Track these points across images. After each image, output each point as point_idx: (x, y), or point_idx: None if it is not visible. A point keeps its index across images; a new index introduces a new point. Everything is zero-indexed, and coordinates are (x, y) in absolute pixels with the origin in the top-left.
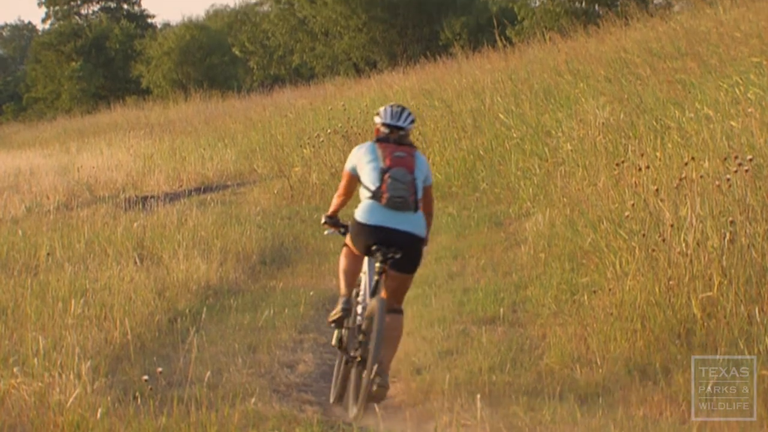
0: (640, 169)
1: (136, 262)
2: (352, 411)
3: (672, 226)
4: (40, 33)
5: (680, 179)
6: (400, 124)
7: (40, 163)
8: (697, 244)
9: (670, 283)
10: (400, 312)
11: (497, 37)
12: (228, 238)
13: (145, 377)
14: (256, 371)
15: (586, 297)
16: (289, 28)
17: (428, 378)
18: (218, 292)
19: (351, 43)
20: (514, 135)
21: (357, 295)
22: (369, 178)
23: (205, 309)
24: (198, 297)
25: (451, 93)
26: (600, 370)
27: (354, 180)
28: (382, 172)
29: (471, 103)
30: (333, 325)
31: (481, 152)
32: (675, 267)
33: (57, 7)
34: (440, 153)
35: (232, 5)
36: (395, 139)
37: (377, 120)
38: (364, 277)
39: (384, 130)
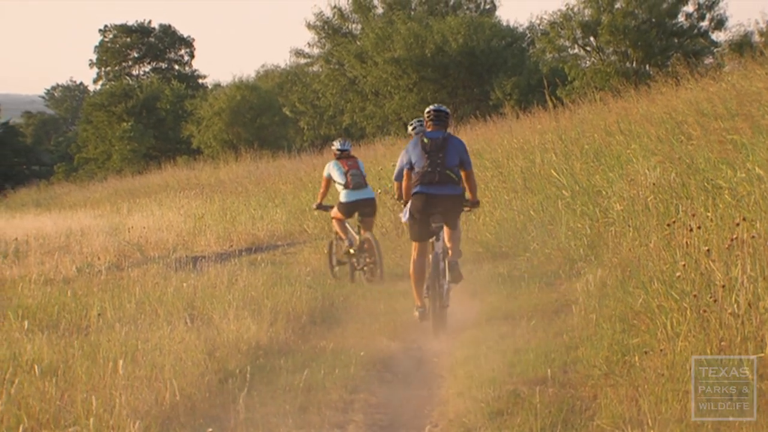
0: (691, 230)
1: (186, 323)
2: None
3: (723, 287)
4: (91, 94)
5: (732, 240)
6: (346, 147)
7: (91, 224)
8: (749, 305)
9: (722, 344)
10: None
11: (548, 98)
12: (278, 298)
13: None
14: None
15: (637, 358)
16: (340, 88)
17: None
18: (268, 352)
19: (401, 103)
20: (565, 195)
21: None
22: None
23: (255, 369)
24: (248, 357)
25: (501, 153)
26: (651, 431)
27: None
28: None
29: (521, 163)
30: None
31: (531, 212)
32: (726, 328)
33: (108, 68)
34: (491, 213)
35: (282, 65)
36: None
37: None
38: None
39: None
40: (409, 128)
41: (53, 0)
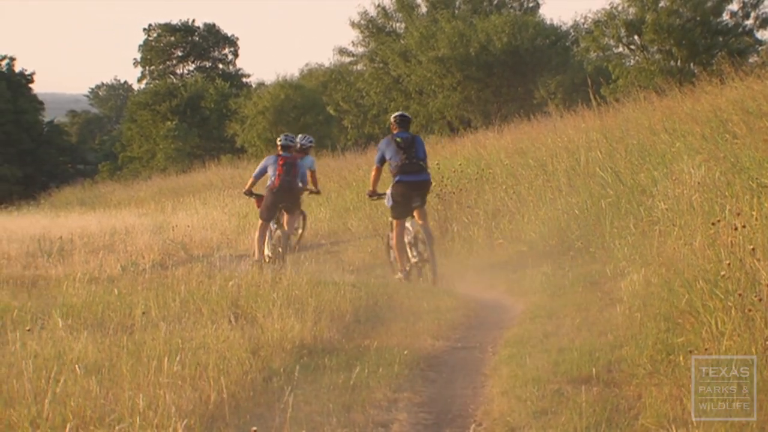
0: (736, 229)
1: (230, 321)
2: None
3: None
4: (135, 92)
5: None
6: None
7: (136, 223)
8: None
9: (767, 343)
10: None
11: (592, 96)
12: (322, 297)
13: None
14: (350, 431)
15: (681, 357)
16: (384, 87)
17: None
18: (312, 351)
19: (445, 102)
20: (610, 193)
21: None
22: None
23: (299, 368)
24: (292, 356)
25: (545, 152)
26: (696, 431)
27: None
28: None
29: (565, 162)
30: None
31: (576, 211)
32: None
33: (152, 67)
34: (535, 212)
35: (326, 64)
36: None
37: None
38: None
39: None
40: (278, 141)
41: None
